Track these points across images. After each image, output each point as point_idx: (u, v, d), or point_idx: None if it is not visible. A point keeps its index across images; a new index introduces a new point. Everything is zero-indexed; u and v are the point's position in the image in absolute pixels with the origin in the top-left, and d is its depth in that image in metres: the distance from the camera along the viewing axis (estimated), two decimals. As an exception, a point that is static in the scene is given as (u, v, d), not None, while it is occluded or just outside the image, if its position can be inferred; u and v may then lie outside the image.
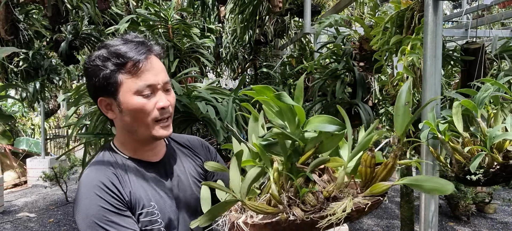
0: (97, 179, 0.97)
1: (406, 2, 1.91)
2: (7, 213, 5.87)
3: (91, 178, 0.98)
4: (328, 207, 0.63)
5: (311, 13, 3.30)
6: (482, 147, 1.11)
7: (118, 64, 0.98)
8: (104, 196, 0.95)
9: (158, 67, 1.02)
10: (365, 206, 0.62)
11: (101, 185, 0.96)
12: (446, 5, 6.53)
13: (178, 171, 1.14)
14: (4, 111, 2.20)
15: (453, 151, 1.19)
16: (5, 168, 7.52)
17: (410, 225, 3.60)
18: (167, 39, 2.65)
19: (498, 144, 1.10)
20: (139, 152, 1.08)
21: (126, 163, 1.05)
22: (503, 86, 1.15)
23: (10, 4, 2.70)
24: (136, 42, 1.01)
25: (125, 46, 1.00)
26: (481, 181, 1.13)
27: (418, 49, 1.59)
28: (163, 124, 1.02)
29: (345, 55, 2.60)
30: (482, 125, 1.12)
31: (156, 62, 1.02)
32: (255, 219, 0.69)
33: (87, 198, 0.95)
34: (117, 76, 0.98)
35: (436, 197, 1.49)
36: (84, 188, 0.97)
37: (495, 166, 1.11)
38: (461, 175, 1.18)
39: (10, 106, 9.15)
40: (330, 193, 0.65)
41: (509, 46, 2.00)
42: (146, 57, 0.99)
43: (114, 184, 0.97)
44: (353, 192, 0.66)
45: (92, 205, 0.94)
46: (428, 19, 1.41)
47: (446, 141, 1.19)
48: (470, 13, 3.58)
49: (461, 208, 5.21)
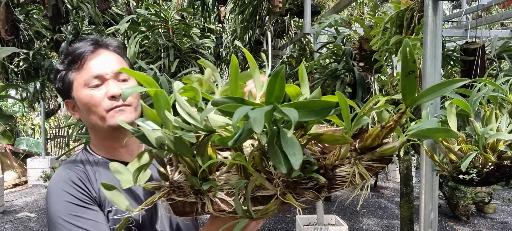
0: (64, 176, 0.95)
1: (406, 2, 1.92)
2: (7, 213, 5.87)
3: (59, 176, 0.97)
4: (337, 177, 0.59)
5: (311, 13, 3.31)
6: (473, 147, 1.11)
7: (68, 63, 0.98)
8: (70, 191, 0.93)
9: (108, 58, 0.99)
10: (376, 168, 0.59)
11: (68, 181, 0.94)
12: (446, 5, 6.54)
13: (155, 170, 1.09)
14: (4, 111, 2.20)
15: (446, 150, 1.19)
16: (5, 168, 7.52)
17: (409, 225, 3.61)
18: (167, 39, 2.65)
19: (492, 143, 1.10)
20: (111, 151, 1.04)
21: (98, 163, 1.03)
22: (499, 87, 1.15)
23: (10, 4, 2.71)
24: (88, 40, 1.01)
25: (76, 45, 1.00)
26: (475, 180, 1.13)
27: (418, 49, 1.59)
28: (117, 110, 0.96)
29: (345, 55, 2.60)
30: (475, 125, 1.13)
31: (105, 54, 1.00)
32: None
33: (54, 194, 0.94)
34: (69, 75, 0.99)
35: (436, 196, 1.50)
36: (52, 186, 0.96)
37: (489, 166, 1.11)
38: (455, 174, 1.18)
39: (10, 106, 9.16)
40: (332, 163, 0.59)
41: (509, 47, 2.01)
42: (93, 50, 0.98)
43: (81, 180, 0.95)
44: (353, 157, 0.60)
45: (59, 201, 0.92)
46: (428, 19, 1.42)
47: (439, 140, 1.19)
48: (469, 13, 3.59)
49: (461, 208, 5.21)
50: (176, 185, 0.64)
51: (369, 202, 6.29)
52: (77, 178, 0.95)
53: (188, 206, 0.66)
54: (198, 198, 0.64)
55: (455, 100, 1.15)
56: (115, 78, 0.98)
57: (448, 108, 1.16)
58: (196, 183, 0.61)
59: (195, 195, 0.64)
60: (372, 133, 0.58)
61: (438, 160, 1.27)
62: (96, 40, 1.01)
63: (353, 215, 5.60)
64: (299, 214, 4.65)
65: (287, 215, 5.58)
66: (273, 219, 5.43)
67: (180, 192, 0.65)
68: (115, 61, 1.00)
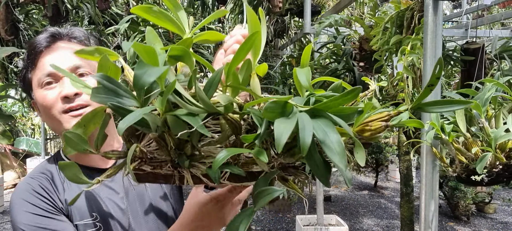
0: (26, 186, 0.87)
1: (406, 2, 1.92)
2: (7, 213, 5.87)
3: (21, 185, 0.88)
4: None
5: (311, 13, 3.31)
6: (486, 148, 1.12)
7: (27, 60, 0.88)
8: (32, 200, 0.84)
9: (64, 52, 0.86)
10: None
11: (30, 190, 0.85)
12: (446, 5, 6.54)
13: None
14: (4, 111, 2.20)
15: (456, 151, 1.19)
16: (5, 168, 7.52)
17: (410, 225, 3.60)
18: (167, 39, 2.65)
19: (501, 144, 1.10)
20: (83, 157, 0.92)
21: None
22: (504, 87, 1.16)
23: (10, 4, 2.70)
24: (46, 31, 0.89)
25: (34, 39, 0.88)
26: (485, 181, 1.14)
27: (418, 49, 1.59)
28: (74, 113, 0.83)
29: (345, 55, 2.60)
30: (486, 125, 1.13)
31: (62, 47, 0.87)
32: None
33: (16, 205, 0.86)
34: (28, 74, 0.88)
35: (436, 197, 1.49)
36: (13, 197, 0.87)
37: (497, 166, 1.11)
38: (464, 175, 1.19)
39: (10, 106, 9.16)
40: None
41: (509, 46, 2.00)
42: (47, 44, 0.86)
43: (44, 188, 0.86)
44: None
45: (20, 212, 0.84)
46: (428, 19, 1.42)
47: (450, 142, 1.19)
48: (470, 13, 3.59)
49: (461, 208, 5.21)
50: (149, 157, 0.56)
51: (369, 202, 6.29)
52: (40, 186, 0.86)
53: (162, 178, 0.59)
54: (176, 171, 0.57)
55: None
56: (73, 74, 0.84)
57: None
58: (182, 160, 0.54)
59: (173, 169, 0.57)
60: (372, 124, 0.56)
61: (447, 162, 1.28)
62: (53, 32, 0.88)
63: (353, 215, 5.60)
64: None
65: (287, 215, 5.58)
66: (273, 219, 5.43)
67: (154, 164, 0.57)
68: (73, 55, 0.85)
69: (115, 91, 0.49)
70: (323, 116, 0.44)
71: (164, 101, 0.47)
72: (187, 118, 0.48)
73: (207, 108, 0.49)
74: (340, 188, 7.30)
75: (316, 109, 0.45)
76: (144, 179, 0.59)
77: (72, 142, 0.55)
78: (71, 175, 0.56)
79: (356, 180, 7.94)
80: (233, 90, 0.52)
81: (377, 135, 0.54)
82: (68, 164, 0.55)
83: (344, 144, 0.54)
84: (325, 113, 0.44)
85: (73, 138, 0.55)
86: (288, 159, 0.53)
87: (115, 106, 0.48)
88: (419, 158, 3.85)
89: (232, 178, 0.57)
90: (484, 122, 1.14)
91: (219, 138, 0.53)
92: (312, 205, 5.78)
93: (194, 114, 0.48)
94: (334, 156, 0.40)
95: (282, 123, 0.42)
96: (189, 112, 0.49)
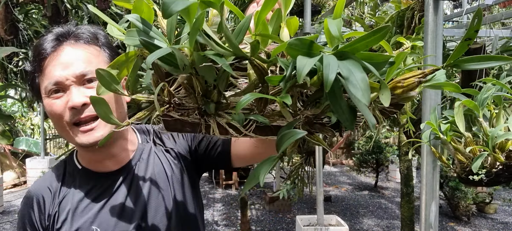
0: (25, 201, 0.90)
1: (407, 2, 1.91)
2: (6, 213, 5.86)
3: (25, 195, 0.91)
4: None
5: (311, 13, 3.30)
6: (484, 147, 1.11)
7: (33, 64, 0.83)
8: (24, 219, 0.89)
9: (69, 58, 0.79)
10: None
11: (24, 208, 0.89)
12: (447, 5, 6.54)
13: (150, 178, 0.90)
14: (3, 112, 2.20)
15: (455, 151, 1.18)
16: (4, 168, 7.52)
17: (410, 225, 3.60)
18: (167, 39, 2.64)
19: (501, 143, 1.09)
20: (94, 164, 0.89)
21: (77, 173, 0.90)
22: (505, 86, 1.15)
23: (9, 4, 2.70)
24: (52, 33, 0.83)
25: (40, 40, 0.83)
26: (484, 181, 1.13)
27: (419, 49, 1.58)
28: (84, 128, 0.79)
29: (345, 55, 2.60)
30: (484, 125, 1.12)
31: (67, 52, 0.80)
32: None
33: (19, 213, 0.92)
34: (36, 78, 0.83)
35: (436, 197, 1.49)
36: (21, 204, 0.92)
37: (497, 166, 1.11)
38: (464, 175, 1.18)
39: (9, 107, 9.15)
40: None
41: (510, 46, 2.00)
42: (53, 49, 0.80)
43: (38, 204, 0.87)
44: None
45: (18, 223, 0.90)
46: (429, 19, 1.41)
47: (448, 141, 1.18)
48: (470, 13, 3.58)
49: (462, 208, 5.21)
50: (177, 102, 0.56)
51: (369, 202, 6.29)
52: (36, 202, 0.88)
53: (189, 126, 0.59)
54: (203, 119, 0.57)
55: (465, 101, 1.14)
56: (79, 82, 0.79)
57: (456, 109, 1.16)
58: (209, 106, 0.54)
59: (200, 116, 0.57)
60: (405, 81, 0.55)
61: (446, 161, 1.27)
62: (59, 34, 0.82)
63: (354, 216, 5.60)
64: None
65: (287, 215, 5.57)
66: (273, 219, 5.42)
67: (182, 110, 0.57)
68: (82, 58, 0.80)
69: (147, 33, 0.50)
70: (350, 58, 0.43)
71: (192, 40, 0.47)
72: (214, 57, 0.48)
73: (234, 51, 0.48)
74: (340, 188, 7.29)
75: (343, 52, 0.44)
76: (172, 126, 0.59)
77: (105, 80, 0.56)
78: (103, 113, 0.59)
79: (356, 180, 7.94)
80: (262, 40, 0.51)
81: (410, 95, 0.52)
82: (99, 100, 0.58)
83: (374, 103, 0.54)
84: (352, 56, 0.43)
85: (106, 76, 0.56)
86: (314, 110, 0.52)
87: (146, 42, 0.49)
88: (419, 158, 3.84)
89: (258, 131, 0.56)
90: (482, 121, 1.13)
91: (246, 88, 0.53)
92: (312, 205, 5.77)
93: (221, 56, 0.48)
94: (357, 91, 0.40)
95: (304, 58, 0.41)
96: (217, 53, 0.49)
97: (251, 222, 5.14)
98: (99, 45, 0.85)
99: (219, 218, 5.45)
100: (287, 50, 0.44)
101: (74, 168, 0.90)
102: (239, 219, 4.86)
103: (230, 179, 7.15)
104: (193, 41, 0.48)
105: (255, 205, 6.05)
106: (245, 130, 0.56)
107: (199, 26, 0.46)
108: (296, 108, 0.52)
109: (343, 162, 9.61)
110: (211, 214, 5.63)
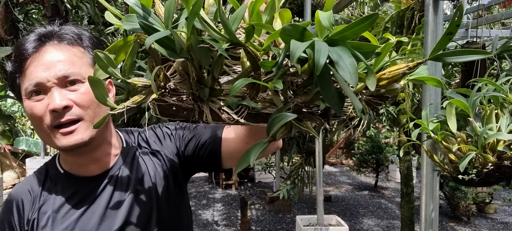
0: (5, 205, 0.88)
1: (407, 2, 1.91)
2: (7, 213, 5.86)
3: (6, 198, 0.89)
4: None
5: (311, 13, 3.30)
6: (472, 147, 1.10)
7: (15, 64, 0.80)
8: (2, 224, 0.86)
9: (51, 59, 0.77)
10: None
11: (4, 213, 0.87)
12: (447, 5, 6.54)
13: (134, 182, 0.87)
14: (3, 112, 2.20)
15: (446, 150, 1.18)
16: (4, 168, 7.52)
17: (410, 225, 3.60)
18: None
19: (492, 143, 1.09)
20: (77, 167, 0.86)
21: (58, 177, 0.87)
22: (499, 87, 1.15)
23: (9, 4, 2.70)
24: (34, 32, 0.81)
25: (21, 40, 0.81)
26: (475, 180, 1.13)
27: (419, 49, 1.58)
28: (64, 130, 0.77)
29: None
30: (474, 125, 1.12)
31: (51, 51, 0.78)
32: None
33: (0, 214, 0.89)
34: (16, 79, 0.81)
35: (436, 197, 1.49)
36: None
37: (488, 166, 1.10)
38: (455, 174, 1.18)
39: (9, 107, 9.15)
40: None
41: (510, 46, 2.00)
42: (35, 50, 0.78)
43: (18, 208, 0.85)
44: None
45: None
46: (429, 19, 1.41)
47: (439, 140, 1.18)
48: (470, 13, 3.58)
49: (462, 208, 5.21)
50: (172, 87, 0.57)
51: (369, 203, 6.29)
52: (15, 206, 0.85)
53: (182, 111, 0.60)
54: (197, 105, 0.58)
55: (454, 101, 1.14)
56: (61, 84, 0.77)
57: (447, 108, 1.16)
58: (203, 92, 0.55)
59: (194, 102, 0.58)
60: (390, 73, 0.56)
61: (438, 160, 1.27)
62: (41, 34, 0.80)
63: (354, 216, 5.60)
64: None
65: (287, 216, 5.57)
66: (273, 219, 5.42)
67: (176, 95, 0.58)
68: (64, 60, 0.78)
69: (146, 18, 0.53)
70: (340, 44, 0.46)
71: (190, 25, 0.50)
72: (210, 41, 0.50)
73: (229, 37, 0.51)
74: (340, 188, 7.29)
75: (333, 40, 0.46)
76: (166, 111, 0.60)
77: (102, 63, 0.57)
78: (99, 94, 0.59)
79: (356, 180, 7.94)
80: (256, 29, 0.53)
81: (394, 86, 0.55)
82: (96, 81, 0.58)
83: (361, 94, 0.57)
84: (342, 43, 0.46)
85: (104, 58, 0.57)
86: (304, 97, 0.54)
87: (145, 25, 0.51)
88: (419, 158, 3.84)
89: (249, 118, 0.58)
90: (473, 121, 1.13)
91: (239, 75, 0.55)
92: (312, 205, 5.77)
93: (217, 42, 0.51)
94: (346, 74, 0.42)
95: (297, 42, 0.44)
96: (213, 38, 0.51)
97: (251, 222, 5.14)
98: (84, 46, 0.82)
99: (219, 218, 5.46)
100: (281, 35, 0.46)
101: (56, 172, 0.88)
102: (239, 219, 4.86)
103: (230, 179, 7.15)
104: (190, 25, 0.50)
105: (255, 205, 6.05)
106: (237, 116, 0.58)
107: (197, 11, 0.48)
108: (286, 96, 0.54)
109: (343, 162, 9.62)
110: (211, 214, 5.63)
